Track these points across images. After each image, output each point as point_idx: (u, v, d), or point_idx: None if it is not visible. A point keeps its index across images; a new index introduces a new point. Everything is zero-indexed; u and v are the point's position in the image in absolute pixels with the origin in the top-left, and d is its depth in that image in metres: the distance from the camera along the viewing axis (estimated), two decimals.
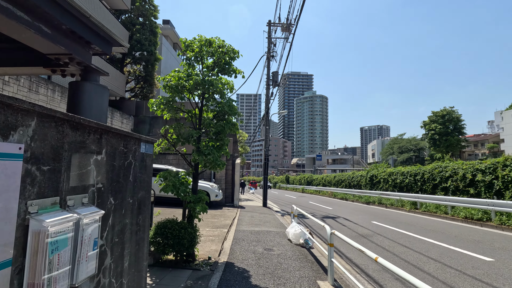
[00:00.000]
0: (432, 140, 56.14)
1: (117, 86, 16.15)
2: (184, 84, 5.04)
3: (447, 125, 55.51)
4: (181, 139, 5.29)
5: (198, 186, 12.73)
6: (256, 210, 14.30)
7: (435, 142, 55.53)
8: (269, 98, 17.57)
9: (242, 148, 23.22)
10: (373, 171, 20.47)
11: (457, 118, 54.89)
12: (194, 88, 5.00)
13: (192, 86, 4.95)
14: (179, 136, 5.33)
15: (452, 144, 54.97)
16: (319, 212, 14.67)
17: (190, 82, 4.94)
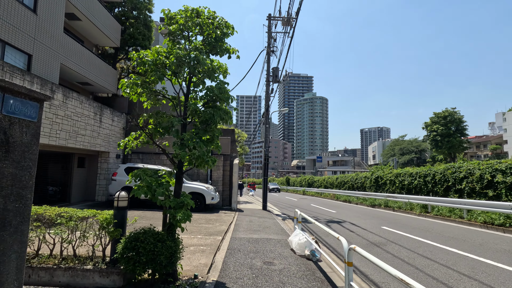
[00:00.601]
0: (434, 142, 55.46)
1: (108, 82, 15.23)
2: (164, 61, 4.10)
3: (449, 126, 54.90)
4: (159, 129, 4.34)
5: (191, 188, 11.61)
6: (255, 213, 13.34)
7: (437, 144, 54.86)
8: (269, 95, 16.65)
9: (241, 148, 22.27)
10: (379, 172, 19.51)
11: (459, 119, 54.24)
12: (178, 66, 4.06)
13: (174, 64, 4.00)
14: (157, 126, 4.38)
15: (454, 145, 54.23)
16: (323, 215, 13.71)
17: (171, 59, 4.00)
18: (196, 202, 12.51)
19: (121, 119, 15.28)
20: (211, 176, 15.19)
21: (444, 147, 53.80)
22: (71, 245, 4.07)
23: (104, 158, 14.09)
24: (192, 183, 12.80)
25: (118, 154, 14.84)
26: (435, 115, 56.00)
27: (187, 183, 12.61)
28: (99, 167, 14.03)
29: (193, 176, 15.30)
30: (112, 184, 12.44)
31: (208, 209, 13.43)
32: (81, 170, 13.56)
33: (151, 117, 4.46)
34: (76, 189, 13.17)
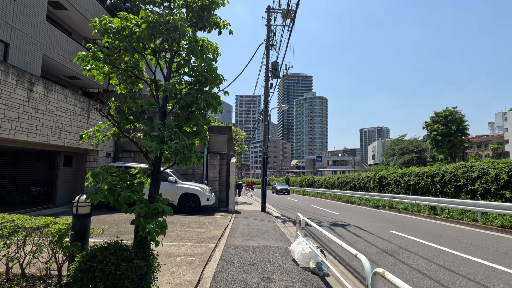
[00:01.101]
0: (434, 141, 54.95)
1: None
2: (135, 30, 3.27)
3: (450, 126, 54.45)
4: (129, 116, 3.53)
5: (185, 188, 10.76)
6: (253, 215, 12.53)
7: (438, 143, 54.35)
8: (269, 91, 15.83)
9: (240, 147, 21.46)
10: (382, 172, 18.71)
11: (460, 118, 53.74)
12: (149, 36, 3.22)
13: (145, 33, 3.16)
14: (124, 112, 3.57)
15: (455, 145, 53.67)
16: (325, 218, 12.90)
17: (142, 26, 3.16)
18: (190, 203, 11.70)
19: None
20: (207, 176, 14.38)
21: (445, 146, 53.30)
22: (19, 263, 3.24)
23: (92, 156, 13.25)
24: (186, 183, 11.98)
25: (108, 153, 14.01)
26: (435, 114, 55.49)
27: (180, 183, 11.79)
28: (87, 167, 13.19)
29: (187, 176, 14.49)
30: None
31: (203, 211, 12.61)
32: (67, 170, 12.72)
33: (118, 100, 3.61)
34: (62, 189, 12.33)
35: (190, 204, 11.68)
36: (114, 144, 14.67)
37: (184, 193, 11.72)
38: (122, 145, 14.76)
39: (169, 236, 7.16)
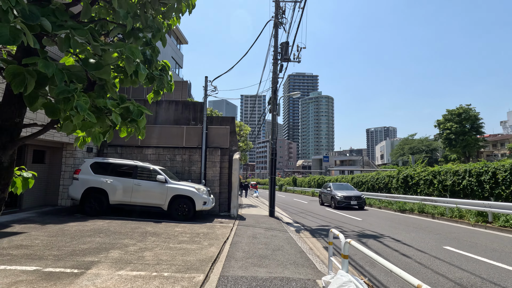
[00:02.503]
0: (447, 140, 52.39)
1: None
2: None
3: (463, 124, 51.94)
4: None
5: (176, 189, 8.69)
6: (260, 222, 10.33)
7: (451, 142, 51.76)
8: (278, 76, 13.62)
9: (244, 143, 19.28)
10: (408, 171, 16.33)
11: (474, 116, 51.14)
12: None
13: None
14: None
15: (469, 144, 50.99)
16: (347, 225, 10.63)
17: None
18: (183, 208, 9.53)
19: None
20: (205, 175, 12.21)
21: (458, 145, 50.71)
22: None
23: (70, 151, 11.19)
24: (178, 183, 9.83)
25: (89, 147, 11.94)
26: (448, 112, 53.07)
27: (171, 184, 9.65)
28: (63, 163, 11.14)
29: (182, 175, 12.34)
30: (74, 184, 9.52)
31: (200, 217, 10.44)
32: (39, 167, 10.67)
33: None
34: (31, 191, 10.28)
35: (182, 208, 9.52)
36: None
37: (176, 195, 9.57)
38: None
39: (142, 258, 4.99)
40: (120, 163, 10.00)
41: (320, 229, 10.04)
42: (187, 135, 12.72)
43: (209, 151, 12.39)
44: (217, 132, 12.74)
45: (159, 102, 13.32)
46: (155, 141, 12.75)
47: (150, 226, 8.15)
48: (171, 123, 13.08)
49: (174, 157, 12.56)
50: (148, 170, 9.91)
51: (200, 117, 13.02)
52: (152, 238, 6.57)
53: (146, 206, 9.58)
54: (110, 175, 9.64)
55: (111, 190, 9.44)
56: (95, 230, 7.18)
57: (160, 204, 9.52)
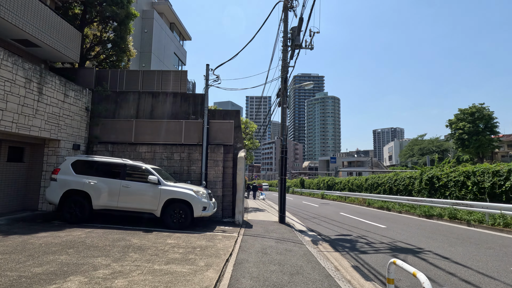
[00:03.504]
0: (459, 140, 50.33)
1: (67, 45, 10.98)
2: None
3: (477, 124, 49.86)
4: None
5: (171, 192, 7.09)
6: (269, 230, 8.81)
7: (464, 143, 49.68)
8: (288, 64, 12.11)
9: (250, 141, 17.82)
10: (434, 171, 14.63)
11: (488, 115, 49.01)
12: None
13: None
14: None
15: (483, 144, 48.85)
16: (371, 233, 9.04)
17: None
18: (179, 214, 8.08)
19: (83, 96, 11.03)
20: (206, 176, 10.75)
21: (471, 146, 48.62)
22: None
23: (52, 149, 9.85)
24: (174, 185, 8.37)
25: (76, 144, 10.58)
26: (460, 111, 51.16)
27: (165, 185, 8.21)
28: (45, 162, 9.80)
29: (181, 176, 10.91)
30: (51, 186, 8.14)
31: (199, 224, 8.97)
32: (15, 166, 9.33)
33: None
34: (6, 193, 8.93)
35: (178, 214, 8.06)
36: (87, 133, 11.25)
37: (171, 199, 8.12)
38: (98, 135, 11.35)
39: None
40: (106, 161, 8.58)
41: (341, 239, 8.48)
42: (186, 130, 11.29)
43: (210, 148, 10.93)
44: (220, 127, 11.28)
45: (154, 94, 11.93)
46: (150, 137, 11.35)
47: (137, 237, 6.70)
48: (169, 118, 11.68)
49: (172, 155, 11.14)
50: (139, 169, 8.49)
51: (201, 110, 11.58)
52: (134, 256, 5.11)
53: (135, 211, 8.14)
54: (94, 176, 8.24)
55: (95, 192, 8.03)
56: (66, 243, 5.75)
57: (151, 210, 8.07)
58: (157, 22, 24.48)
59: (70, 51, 11.08)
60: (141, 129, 11.43)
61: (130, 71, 12.47)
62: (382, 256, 6.28)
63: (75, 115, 10.52)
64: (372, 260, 6.00)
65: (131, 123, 11.44)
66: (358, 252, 6.70)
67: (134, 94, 11.94)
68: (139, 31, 23.23)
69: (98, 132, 11.39)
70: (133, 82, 12.20)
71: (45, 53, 10.87)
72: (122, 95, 11.92)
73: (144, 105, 11.85)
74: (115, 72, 12.27)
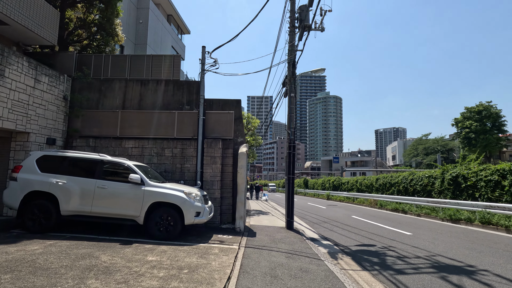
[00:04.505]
0: (466, 139, 48.89)
1: (42, 25, 9.51)
2: None
3: (484, 122, 48.45)
4: None
5: (158, 194, 5.55)
6: (276, 240, 7.31)
7: (470, 142, 48.22)
8: (295, 48, 10.62)
9: (253, 138, 16.34)
10: (458, 169, 13.09)
11: (496, 114, 47.63)
12: None
13: None
14: None
15: (490, 143, 47.37)
16: (397, 243, 7.52)
17: None
18: (167, 221, 6.59)
19: (60, 83, 9.57)
20: (202, 174, 9.25)
21: (479, 145, 47.11)
22: None
23: (20, 143, 8.39)
24: (162, 185, 6.88)
25: (51, 138, 9.12)
26: (467, 110, 49.84)
27: (150, 186, 6.73)
28: (12, 158, 8.34)
29: (174, 174, 9.43)
30: (11, 187, 6.68)
31: (192, 232, 7.47)
32: None
33: None
34: None
35: (166, 222, 6.56)
36: (66, 125, 9.80)
37: (156, 203, 6.64)
38: (79, 128, 9.89)
39: None
40: (79, 156, 7.11)
41: (364, 251, 6.96)
42: (179, 122, 9.82)
43: (207, 143, 9.44)
44: (218, 118, 9.80)
45: (144, 82, 10.46)
46: (138, 131, 9.88)
47: (110, 252, 5.22)
48: (160, 108, 10.21)
49: (162, 151, 9.66)
50: (120, 166, 7.02)
51: (196, 100, 10.09)
52: (92, 285, 3.63)
53: (113, 218, 6.66)
54: (64, 174, 6.77)
55: (64, 195, 6.56)
56: (9, 264, 4.28)
57: (133, 215, 6.58)
58: (153, 13, 23.06)
59: (45, 32, 9.62)
60: (127, 121, 9.97)
61: (116, 56, 11.02)
62: (429, 279, 4.77)
63: (49, 104, 9.06)
64: (417, 284, 4.50)
65: (116, 115, 9.98)
66: (393, 272, 5.19)
67: (120, 81, 10.48)
68: (133, 21, 21.83)
69: (79, 124, 9.94)
70: (119, 68, 10.74)
71: (16, 33, 9.41)
72: (107, 83, 10.45)
73: (132, 94, 10.38)
74: (99, 57, 10.81)
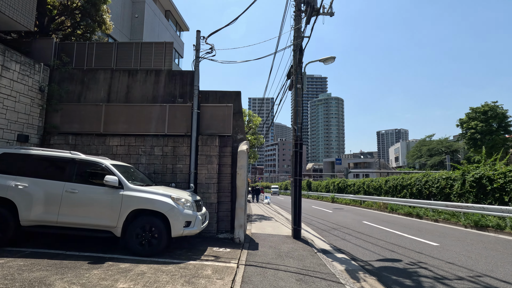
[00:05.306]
0: (471, 140, 47.48)
1: (16, 8, 8.38)
2: None
3: (490, 123, 47.07)
4: None
5: (142, 200, 4.72)
6: (283, 254, 6.10)
7: (476, 143, 46.80)
8: (302, 34, 9.45)
9: (254, 137, 15.17)
10: (481, 170, 11.84)
11: (502, 114, 46.23)
12: None
13: None
14: None
15: (497, 144, 45.92)
16: (425, 257, 6.29)
17: None
18: (150, 233, 5.39)
19: (35, 73, 8.42)
20: (196, 176, 8.06)
21: (485, 146, 45.75)
22: None
23: None
24: (144, 189, 5.68)
25: (23, 135, 7.97)
26: (472, 110, 48.54)
27: (130, 190, 5.53)
28: None
29: (164, 176, 8.24)
30: None
31: (182, 245, 6.25)
32: None
33: None
34: None
35: (148, 234, 5.36)
36: (43, 121, 8.64)
37: (137, 210, 5.45)
38: (58, 124, 8.73)
39: None
40: (46, 155, 5.94)
41: (390, 268, 5.72)
42: (171, 117, 8.64)
43: (202, 140, 8.25)
44: (214, 112, 8.62)
45: (132, 72, 9.30)
46: (125, 127, 8.71)
47: (71, 276, 4.03)
48: (150, 102, 9.04)
49: (152, 149, 8.48)
50: (96, 167, 5.84)
51: (190, 92, 8.92)
52: None
53: (84, 229, 5.47)
54: (26, 176, 5.59)
55: (24, 201, 5.38)
56: None
57: (108, 226, 5.39)
58: (150, 7, 21.99)
59: (20, 16, 8.48)
60: (113, 116, 8.80)
61: (101, 44, 9.88)
62: None
63: (21, 96, 7.91)
64: None
65: (100, 109, 8.82)
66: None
67: (105, 72, 9.33)
68: (128, 16, 20.77)
69: (58, 120, 8.78)
70: (105, 57, 9.59)
71: None
72: (91, 74, 9.30)
73: (118, 86, 9.23)
74: (82, 45, 9.67)
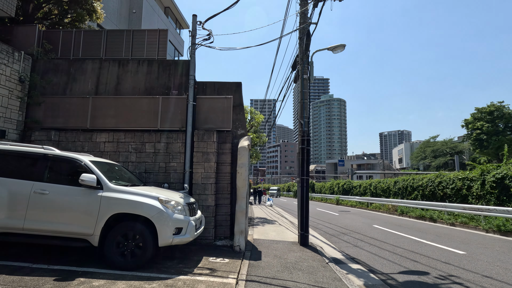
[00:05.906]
0: (477, 141, 46.42)
1: None
2: None
3: (496, 123, 46.00)
4: None
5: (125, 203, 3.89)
6: (290, 265, 5.22)
7: (482, 143, 45.74)
8: (308, 20, 8.60)
9: (256, 135, 14.33)
10: (503, 169, 10.90)
11: (509, 114, 45.17)
12: None
13: None
14: None
15: (503, 144, 44.72)
16: (456, 270, 5.39)
17: None
18: (134, 241, 4.54)
19: (14, 62, 7.63)
20: (191, 176, 7.20)
21: (491, 147, 44.75)
22: None
23: None
24: (127, 190, 4.83)
25: (1, 130, 7.16)
26: (478, 110, 47.52)
27: (110, 191, 4.68)
28: None
29: (157, 176, 7.39)
30: None
31: (175, 252, 5.38)
32: None
33: None
34: None
35: (131, 242, 4.51)
36: (23, 115, 7.84)
37: (118, 215, 4.60)
38: (40, 118, 7.92)
39: None
40: (12, 150, 5.11)
41: (416, 283, 4.83)
42: (164, 110, 7.81)
43: (198, 135, 7.40)
44: (212, 104, 7.77)
45: (122, 62, 8.49)
46: (114, 121, 7.88)
47: None
48: (142, 94, 8.22)
49: (143, 146, 7.64)
50: (73, 164, 5.01)
51: (186, 83, 8.09)
52: None
53: (55, 237, 4.62)
54: None
55: None
56: None
57: (84, 234, 4.54)
58: (148, 3, 21.28)
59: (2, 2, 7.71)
60: (100, 109, 7.98)
61: (89, 32, 9.08)
62: None
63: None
64: None
65: (86, 102, 8.00)
66: None
67: (94, 62, 8.52)
68: (126, 11, 20.06)
69: (40, 114, 7.98)
70: (93, 46, 8.80)
71: None
72: (77, 64, 8.50)
73: (107, 77, 8.41)
74: (68, 33, 8.89)
